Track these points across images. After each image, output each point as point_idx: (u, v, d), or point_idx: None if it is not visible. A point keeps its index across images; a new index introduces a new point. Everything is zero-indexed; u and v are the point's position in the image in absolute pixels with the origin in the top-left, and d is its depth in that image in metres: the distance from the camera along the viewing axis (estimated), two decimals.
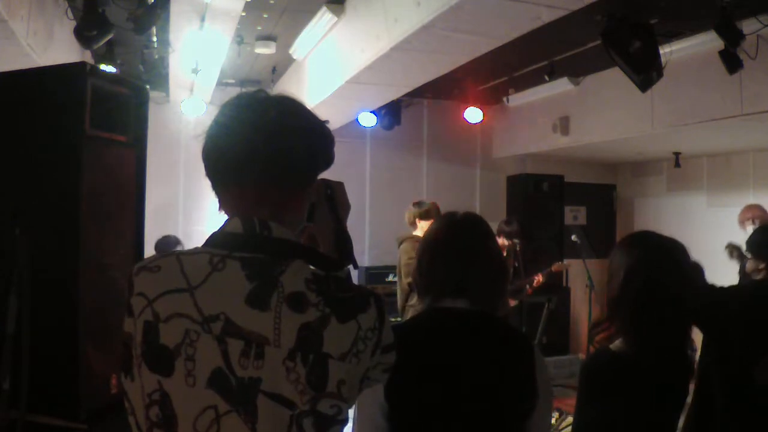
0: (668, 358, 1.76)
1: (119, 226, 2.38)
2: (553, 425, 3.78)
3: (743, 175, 6.84)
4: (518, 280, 5.27)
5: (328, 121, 1.15)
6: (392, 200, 7.06)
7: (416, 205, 4.83)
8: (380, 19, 3.89)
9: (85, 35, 3.90)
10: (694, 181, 7.40)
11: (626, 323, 1.77)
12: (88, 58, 5.47)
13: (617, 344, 1.79)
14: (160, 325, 1.01)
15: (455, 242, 1.63)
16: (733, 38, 3.99)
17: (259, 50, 5.43)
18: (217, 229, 1.09)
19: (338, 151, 1.17)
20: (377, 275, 6.89)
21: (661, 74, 4.19)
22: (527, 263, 5.53)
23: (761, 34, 4.21)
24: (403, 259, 4.58)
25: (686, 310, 1.79)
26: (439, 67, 4.31)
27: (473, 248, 1.62)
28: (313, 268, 1.06)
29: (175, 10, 3.98)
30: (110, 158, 2.35)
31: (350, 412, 1.08)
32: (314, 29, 5.02)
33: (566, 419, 4.66)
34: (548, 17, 3.15)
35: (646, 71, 4.06)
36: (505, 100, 7.45)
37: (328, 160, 1.15)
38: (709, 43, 4.59)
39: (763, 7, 4.06)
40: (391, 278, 6.65)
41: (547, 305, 5.26)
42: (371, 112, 6.78)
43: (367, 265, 7.09)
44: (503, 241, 5.21)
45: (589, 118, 6.33)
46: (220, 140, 1.09)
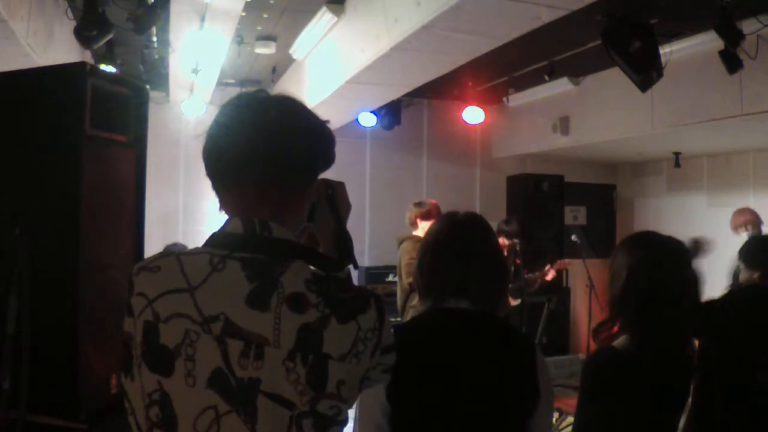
0: (670, 357, 1.76)
1: (119, 226, 2.38)
2: (553, 425, 3.78)
3: (743, 175, 6.84)
4: (519, 280, 5.27)
5: (328, 121, 1.15)
6: (392, 200, 7.06)
7: (417, 205, 4.83)
8: (380, 19, 3.89)
9: (85, 35, 3.90)
10: (694, 181, 7.40)
11: (629, 322, 1.77)
12: (88, 58, 5.47)
13: (620, 342, 1.79)
14: (160, 325, 1.00)
15: (456, 242, 1.63)
16: (733, 38, 3.99)
17: (259, 50, 5.43)
18: (217, 229, 1.09)
19: (338, 151, 1.17)
20: (377, 275, 6.88)
21: (661, 74, 4.19)
22: (527, 263, 5.52)
23: (761, 34, 4.21)
24: (403, 259, 4.57)
25: (688, 309, 1.79)
26: (439, 67, 4.31)
27: (474, 248, 1.62)
28: (313, 268, 1.06)
29: (175, 10, 3.98)
30: (110, 158, 2.36)
31: (350, 412, 1.08)
32: (314, 29, 5.02)
33: (566, 419, 4.65)
34: (548, 17, 3.15)
35: (646, 71, 4.06)
36: (505, 100, 7.45)
37: (328, 160, 1.14)
38: (709, 43, 4.58)
39: (763, 7, 4.06)
40: (391, 278, 6.65)
41: (547, 305, 5.26)
42: (371, 112, 6.78)
43: (367, 265, 7.09)
44: (503, 240, 5.20)
45: (589, 118, 6.33)
46: (220, 140, 1.09)
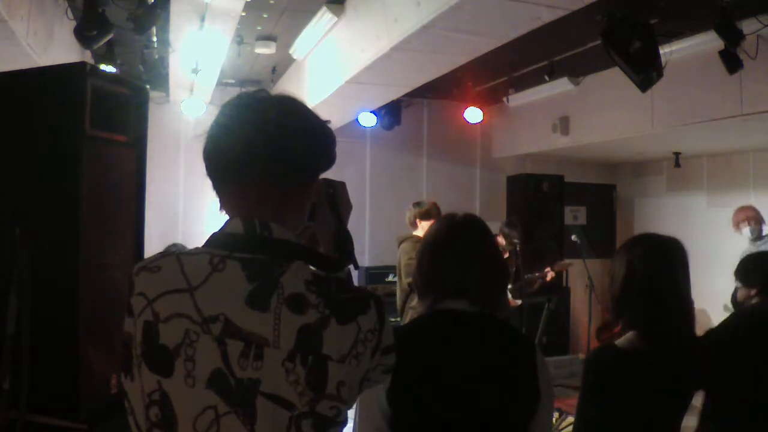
0: (672, 352, 1.76)
1: (119, 226, 2.38)
2: (553, 425, 3.78)
3: (743, 175, 6.84)
4: (519, 281, 5.27)
5: (329, 121, 1.15)
6: (392, 200, 7.06)
7: (416, 205, 4.85)
8: (380, 19, 3.89)
9: (85, 35, 3.90)
10: (694, 181, 7.40)
11: (630, 318, 1.78)
12: (88, 58, 5.47)
13: (621, 341, 1.79)
14: (159, 325, 1.00)
15: (455, 243, 1.63)
16: (733, 38, 4.00)
17: (259, 50, 5.43)
18: (217, 229, 1.09)
19: (338, 151, 1.17)
20: (377, 275, 6.88)
21: (661, 74, 4.19)
22: (527, 263, 5.53)
23: (761, 34, 4.22)
24: (403, 259, 4.58)
25: (688, 307, 1.80)
26: (439, 67, 4.31)
27: (473, 249, 1.63)
28: (313, 269, 1.06)
29: (175, 10, 3.98)
30: (110, 158, 2.36)
31: (350, 413, 1.08)
32: (314, 29, 5.02)
33: (566, 419, 4.65)
34: (548, 17, 3.15)
35: (646, 71, 4.06)
36: (505, 100, 7.45)
37: (329, 160, 1.14)
38: (709, 43, 4.58)
39: (763, 7, 4.06)
40: (391, 278, 6.65)
41: (547, 305, 5.26)
42: (371, 112, 6.78)
43: (367, 265, 7.09)
44: (502, 241, 5.22)
45: (589, 118, 6.33)
46: (220, 140, 1.09)
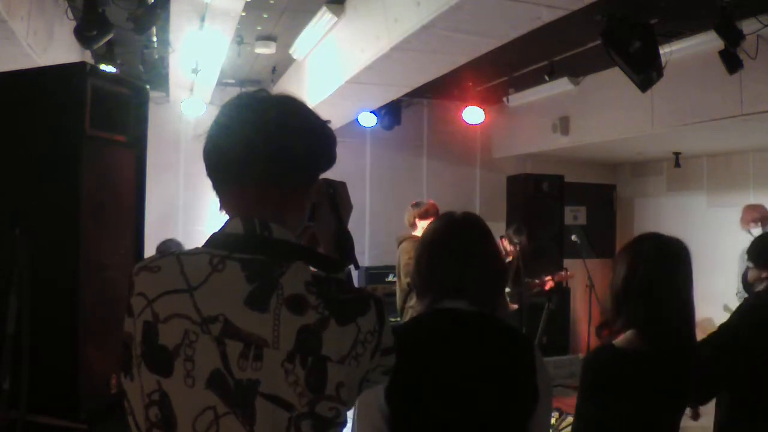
0: (670, 356, 1.76)
1: (119, 226, 2.38)
2: (553, 425, 3.78)
3: (743, 175, 6.84)
4: (518, 287, 5.28)
5: (329, 120, 1.15)
6: (392, 200, 7.05)
7: (415, 205, 4.87)
8: (380, 19, 3.89)
9: (85, 35, 3.90)
10: (694, 181, 7.40)
11: (630, 316, 1.78)
12: (88, 58, 5.47)
13: (620, 340, 1.79)
14: (159, 325, 1.00)
15: (453, 242, 1.63)
16: (733, 38, 3.99)
17: (259, 50, 5.43)
18: (217, 229, 1.09)
19: (338, 151, 1.17)
20: (377, 275, 6.88)
21: (661, 74, 4.19)
22: (527, 263, 5.53)
23: (761, 34, 4.21)
24: (402, 259, 4.59)
25: (689, 308, 1.80)
26: (439, 67, 4.31)
27: (471, 248, 1.62)
28: (313, 269, 1.06)
29: (175, 10, 3.97)
30: (110, 158, 2.35)
31: (349, 413, 1.08)
32: (314, 29, 5.02)
33: (566, 419, 4.64)
34: (548, 17, 3.15)
35: (646, 71, 4.06)
36: (505, 100, 7.45)
37: (329, 160, 1.14)
38: (709, 43, 4.58)
39: (763, 7, 4.06)
40: (391, 278, 6.65)
41: (547, 305, 5.26)
42: (371, 112, 6.78)
43: (367, 265, 7.09)
44: (508, 245, 5.26)
45: (589, 118, 6.33)
46: (220, 140, 1.09)
